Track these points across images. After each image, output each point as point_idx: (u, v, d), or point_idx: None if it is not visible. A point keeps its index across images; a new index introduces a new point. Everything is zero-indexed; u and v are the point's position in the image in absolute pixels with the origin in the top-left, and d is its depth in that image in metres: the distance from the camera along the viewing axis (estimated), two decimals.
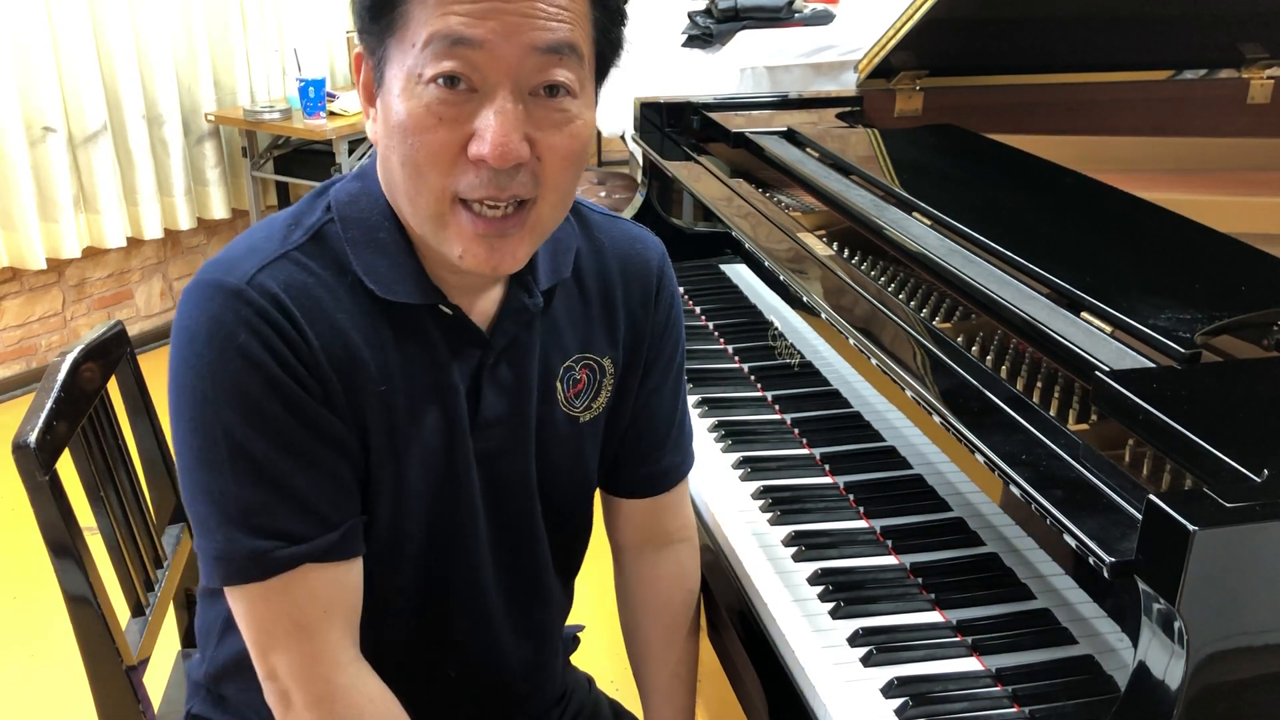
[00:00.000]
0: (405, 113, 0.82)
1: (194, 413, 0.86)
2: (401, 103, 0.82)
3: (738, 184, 1.71)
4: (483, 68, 0.81)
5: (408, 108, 0.82)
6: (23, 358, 3.56)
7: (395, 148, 0.84)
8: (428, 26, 0.80)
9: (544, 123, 0.84)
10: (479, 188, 0.83)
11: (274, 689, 0.92)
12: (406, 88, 0.82)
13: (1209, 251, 1.26)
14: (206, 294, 0.86)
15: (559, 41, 0.82)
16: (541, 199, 0.86)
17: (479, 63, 0.80)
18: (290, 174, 3.93)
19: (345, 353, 0.89)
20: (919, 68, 1.97)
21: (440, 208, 0.85)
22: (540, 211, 0.87)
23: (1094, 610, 0.93)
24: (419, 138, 0.82)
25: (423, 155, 0.83)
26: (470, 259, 0.86)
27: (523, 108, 0.82)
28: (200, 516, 0.88)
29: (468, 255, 0.86)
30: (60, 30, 3.30)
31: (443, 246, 0.87)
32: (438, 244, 0.87)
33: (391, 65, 0.83)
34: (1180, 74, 2.13)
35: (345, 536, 0.90)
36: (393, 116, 0.83)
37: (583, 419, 1.05)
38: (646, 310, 1.07)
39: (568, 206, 0.92)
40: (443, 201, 0.84)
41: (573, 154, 0.86)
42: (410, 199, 0.86)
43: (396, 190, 0.88)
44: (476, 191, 0.83)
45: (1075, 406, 1.02)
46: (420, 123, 0.82)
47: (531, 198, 0.85)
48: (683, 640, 1.17)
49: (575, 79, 0.84)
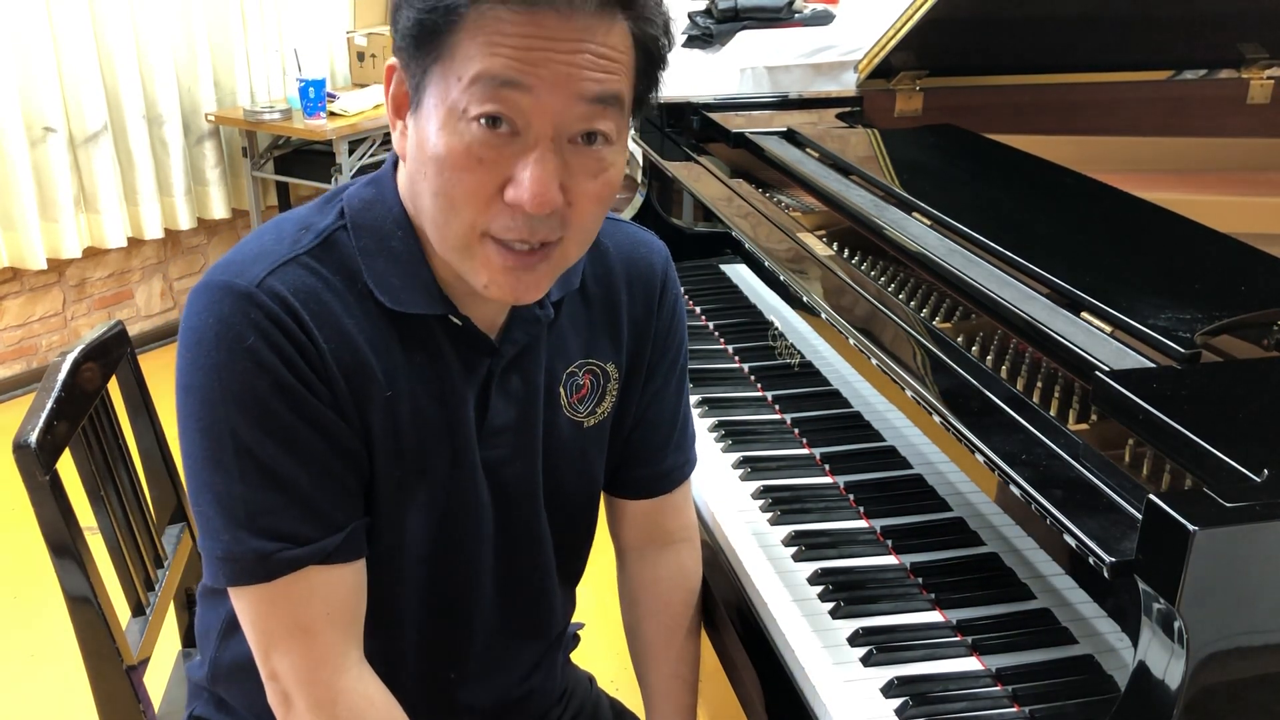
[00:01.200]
0: (444, 147, 0.81)
1: (201, 414, 0.86)
2: (441, 136, 0.81)
3: (738, 184, 1.71)
4: (528, 113, 0.80)
5: (447, 143, 0.81)
6: (23, 358, 3.56)
7: (429, 177, 0.84)
8: (476, 63, 0.79)
9: (580, 171, 0.83)
10: (511, 229, 0.83)
11: (276, 690, 0.92)
12: (448, 122, 0.81)
13: (1209, 251, 1.26)
14: (215, 296, 0.86)
15: (605, 93, 0.81)
16: (568, 238, 0.87)
17: (524, 107, 0.79)
18: (290, 174, 3.93)
19: (353, 358, 0.89)
20: (919, 68, 1.97)
21: (469, 240, 0.85)
22: (565, 249, 0.87)
23: (1094, 610, 0.93)
24: (456, 174, 0.82)
25: (458, 192, 0.82)
26: (495, 290, 0.87)
27: (562, 156, 0.82)
28: (206, 517, 0.88)
29: (493, 286, 0.86)
30: (61, 30, 3.30)
31: (467, 274, 0.87)
32: (462, 270, 0.87)
33: (431, 92, 0.82)
34: (1180, 74, 2.13)
35: (349, 539, 0.91)
36: (429, 146, 0.82)
37: (587, 424, 1.05)
38: (650, 314, 1.06)
39: (590, 242, 0.92)
40: (472, 235, 0.85)
41: (603, 199, 0.87)
42: (439, 228, 0.86)
43: (423, 214, 0.87)
44: (509, 233, 0.84)
45: (1075, 406, 1.02)
46: (459, 161, 0.81)
47: (559, 238, 0.86)
48: (683, 640, 1.17)
49: (615, 128, 0.84)
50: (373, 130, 3.76)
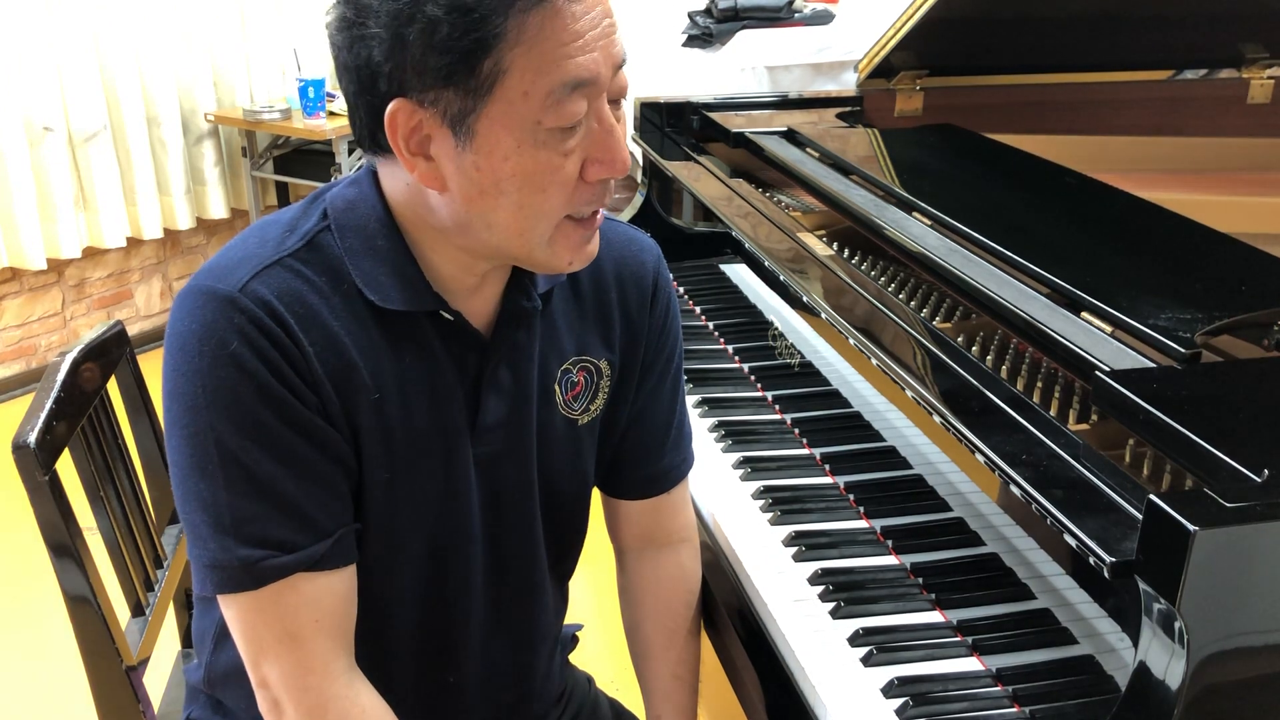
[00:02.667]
0: (531, 163, 0.82)
1: (186, 420, 0.86)
2: (523, 154, 0.82)
3: (738, 184, 1.71)
4: (593, 96, 0.83)
5: (534, 157, 0.82)
6: (22, 358, 3.56)
7: (506, 195, 0.84)
8: (546, 75, 0.79)
9: (617, 122, 0.87)
10: (594, 203, 0.87)
11: (266, 698, 0.92)
12: (526, 138, 0.81)
13: (1209, 251, 1.26)
14: (199, 301, 0.85)
15: (624, 54, 0.85)
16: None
17: (592, 94, 0.83)
18: (290, 174, 3.93)
19: (339, 360, 0.88)
20: (919, 68, 1.97)
21: (552, 231, 0.87)
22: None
23: (1094, 610, 0.93)
24: (546, 180, 0.83)
25: (552, 194, 0.84)
26: (579, 261, 0.90)
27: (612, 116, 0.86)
28: (193, 524, 0.88)
29: (576, 260, 0.90)
30: (60, 30, 3.30)
31: (550, 263, 0.89)
32: (545, 259, 0.89)
33: (488, 117, 0.80)
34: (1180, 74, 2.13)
35: (337, 545, 0.90)
36: (505, 168, 0.82)
37: (581, 421, 1.05)
38: (643, 312, 1.07)
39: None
40: (554, 225, 0.87)
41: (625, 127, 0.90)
42: (523, 235, 0.86)
43: (495, 229, 0.86)
44: (592, 207, 0.87)
45: (1075, 406, 1.02)
46: (554, 166, 0.83)
47: None
48: (683, 640, 1.17)
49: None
50: None
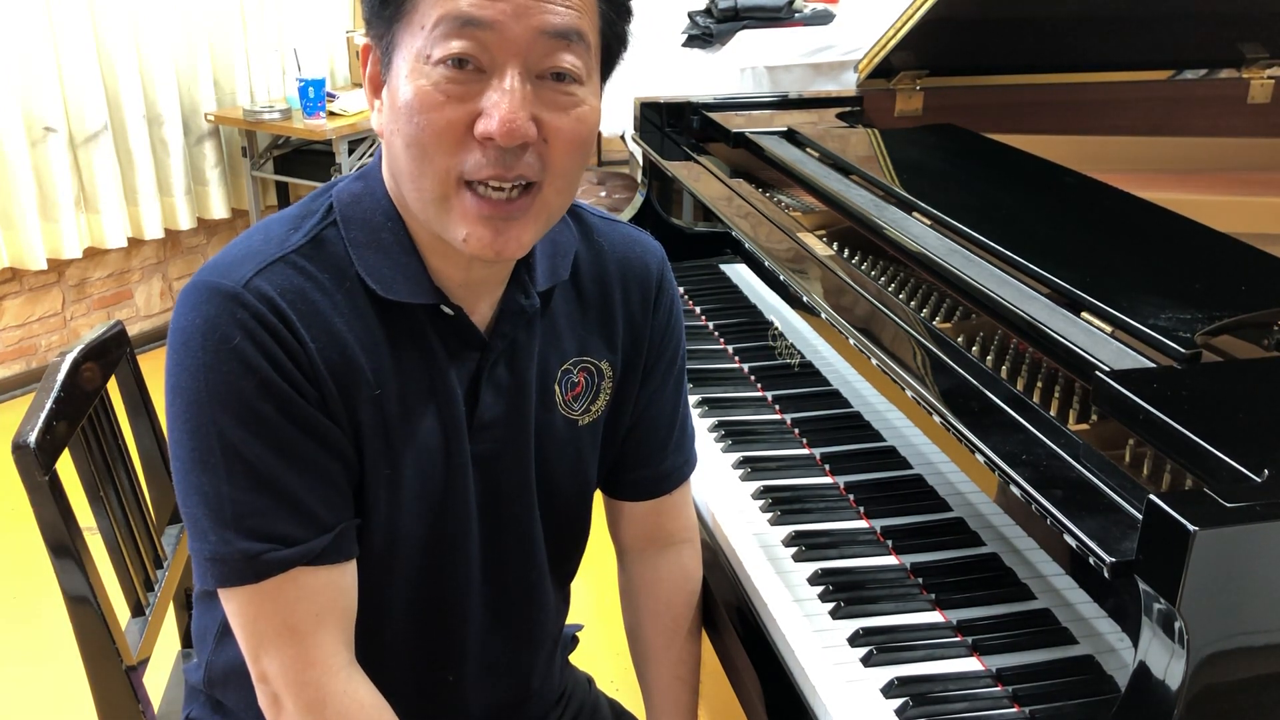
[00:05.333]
0: (412, 92, 0.82)
1: (188, 414, 0.86)
2: (409, 83, 0.83)
3: (738, 184, 1.71)
4: (492, 48, 0.81)
5: (415, 87, 0.82)
6: (23, 358, 3.56)
7: (400, 130, 0.84)
8: (437, 8, 0.81)
9: (551, 105, 0.84)
10: (485, 167, 0.83)
11: (265, 692, 0.92)
12: (414, 69, 0.82)
13: (1209, 251, 1.26)
14: (202, 296, 0.86)
15: (567, 27, 0.83)
16: (547, 184, 0.86)
17: (488, 43, 0.81)
18: (290, 174, 3.93)
19: (341, 357, 0.89)
20: (919, 68, 1.97)
21: (445, 189, 0.84)
22: (545, 196, 0.87)
23: (1094, 610, 0.93)
24: (425, 116, 0.82)
25: (429, 134, 0.83)
26: (474, 242, 0.85)
27: (530, 88, 0.83)
28: (194, 518, 0.88)
29: (471, 238, 0.85)
30: (61, 31, 3.30)
31: (447, 230, 0.86)
32: (441, 228, 0.86)
33: (399, 50, 0.84)
34: (1180, 74, 2.13)
35: (338, 539, 0.90)
36: (399, 99, 0.83)
37: (581, 422, 1.05)
38: (646, 314, 1.06)
39: (573, 194, 0.92)
40: (447, 183, 0.84)
41: (579, 138, 0.86)
42: (415, 180, 0.85)
43: (401, 176, 0.87)
44: (482, 171, 0.83)
45: (1075, 406, 1.02)
46: (427, 101, 0.82)
47: (537, 181, 0.85)
48: (684, 640, 1.17)
49: (582, 66, 0.85)
50: (372, 130, 3.75)
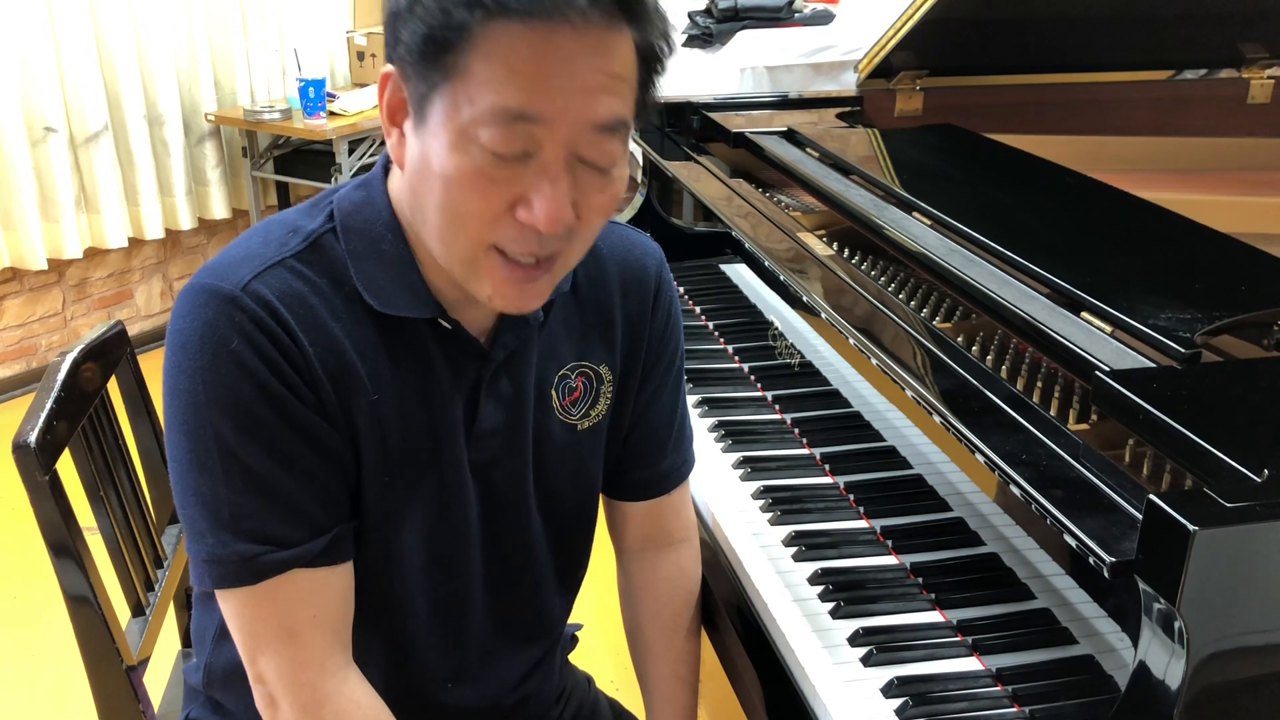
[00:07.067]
0: (454, 168, 0.80)
1: (186, 416, 0.86)
2: (451, 156, 0.80)
3: (738, 184, 1.71)
4: (541, 140, 0.79)
5: (457, 163, 0.80)
6: (23, 358, 3.56)
7: (435, 193, 0.83)
8: (492, 92, 0.77)
9: (589, 187, 0.84)
10: (520, 244, 0.83)
11: (262, 693, 0.92)
12: (458, 143, 0.79)
13: (1209, 251, 1.26)
14: (201, 299, 0.86)
15: (614, 118, 0.81)
16: (571, 247, 0.87)
17: (539, 136, 0.79)
18: (290, 174, 3.93)
19: (338, 361, 0.89)
20: (919, 68, 1.97)
21: (475, 253, 0.84)
22: (569, 256, 0.88)
23: (1094, 610, 0.93)
24: (465, 194, 0.81)
25: (468, 211, 0.82)
26: (500, 300, 0.87)
27: (573, 175, 0.82)
28: (191, 519, 0.88)
29: (497, 297, 0.86)
30: (61, 31, 3.30)
31: (470, 285, 0.87)
32: (465, 281, 0.87)
33: (439, 108, 0.80)
34: (1180, 74, 2.13)
35: (335, 542, 0.90)
36: (434, 162, 0.81)
37: (581, 427, 1.04)
38: (644, 316, 1.06)
39: (589, 247, 0.92)
40: (478, 248, 0.84)
41: (609, 209, 0.87)
42: (444, 241, 0.85)
43: (424, 225, 0.86)
44: (517, 246, 0.83)
45: (1075, 406, 1.02)
46: (470, 182, 0.80)
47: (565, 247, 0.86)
48: (684, 640, 1.17)
49: (621, 148, 0.84)
50: (372, 130, 3.76)
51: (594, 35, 0.78)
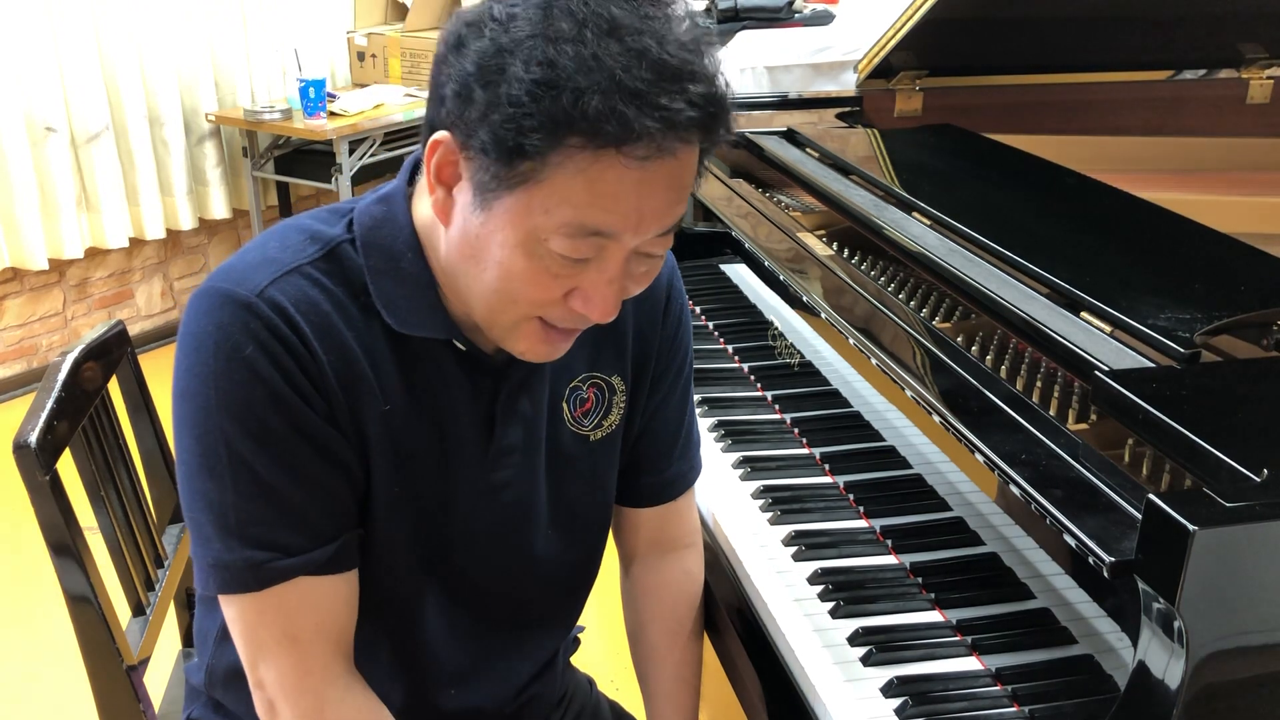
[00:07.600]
0: (518, 266, 0.81)
1: (196, 420, 0.86)
2: (516, 254, 0.80)
3: (738, 184, 1.71)
4: (608, 248, 0.81)
5: (523, 263, 0.81)
6: (23, 357, 3.56)
7: (488, 270, 0.83)
8: (571, 208, 0.77)
9: (639, 277, 0.86)
10: (568, 321, 0.86)
11: (262, 699, 0.92)
12: (526, 244, 0.80)
13: (1209, 251, 1.26)
14: (216, 303, 0.85)
15: (676, 223, 0.83)
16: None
17: (607, 245, 0.81)
18: (291, 174, 3.93)
19: (351, 371, 0.88)
20: (919, 68, 1.97)
21: (519, 322, 0.86)
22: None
23: (1094, 610, 0.93)
24: (524, 285, 0.82)
25: (524, 296, 0.83)
26: (531, 355, 0.89)
27: (627, 266, 0.84)
28: (198, 524, 0.88)
29: (530, 353, 0.89)
30: (61, 31, 3.30)
31: (505, 343, 0.89)
32: (500, 339, 0.89)
33: (508, 205, 0.79)
34: (1180, 74, 2.13)
35: (340, 550, 0.90)
36: (495, 249, 0.81)
37: (593, 438, 1.04)
38: (656, 325, 1.06)
39: None
40: (524, 320, 0.86)
41: (651, 278, 0.89)
42: (490, 310, 0.86)
43: (468, 288, 0.86)
44: (565, 323, 0.86)
45: (1075, 406, 1.02)
46: (531, 278, 0.82)
47: None
48: (686, 643, 1.16)
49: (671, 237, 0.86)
50: (372, 130, 3.76)
51: (682, 154, 0.79)
